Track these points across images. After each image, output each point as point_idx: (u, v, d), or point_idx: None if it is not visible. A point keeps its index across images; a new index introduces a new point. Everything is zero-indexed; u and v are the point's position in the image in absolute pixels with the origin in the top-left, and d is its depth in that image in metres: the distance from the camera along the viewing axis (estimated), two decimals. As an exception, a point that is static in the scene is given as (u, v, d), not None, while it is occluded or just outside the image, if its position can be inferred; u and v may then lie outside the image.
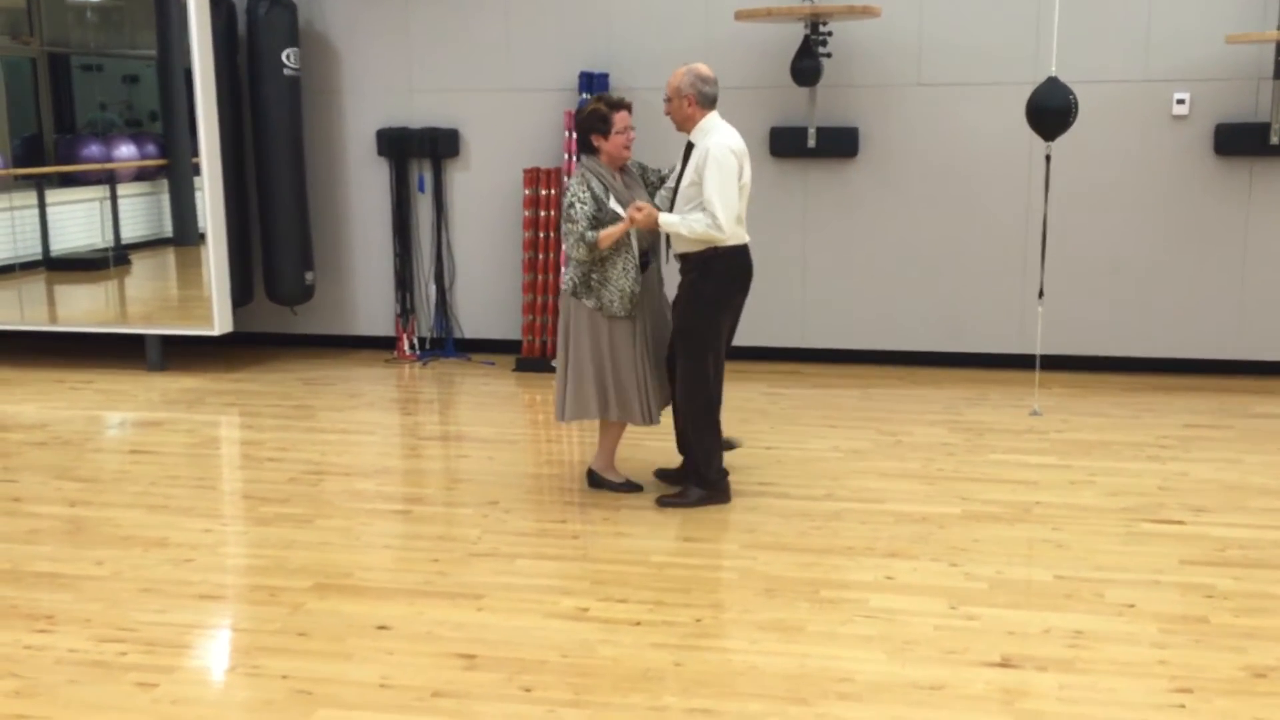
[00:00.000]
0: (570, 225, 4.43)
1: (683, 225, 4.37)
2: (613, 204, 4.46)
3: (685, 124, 4.49)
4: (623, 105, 4.51)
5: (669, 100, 4.50)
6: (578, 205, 4.42)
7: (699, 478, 4.60)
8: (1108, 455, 5.21)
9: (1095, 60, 6.42)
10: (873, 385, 6.54)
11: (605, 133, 4.47)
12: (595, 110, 4.50)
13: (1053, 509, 4.52)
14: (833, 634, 3.47)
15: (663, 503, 4.60)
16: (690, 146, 4.47)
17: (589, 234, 4.40)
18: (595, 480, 4.79)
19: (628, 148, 4.52)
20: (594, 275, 4.47)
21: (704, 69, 4.47)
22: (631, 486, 4.73)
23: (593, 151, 4.53)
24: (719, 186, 4.30)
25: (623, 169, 4.59)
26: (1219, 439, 5.46)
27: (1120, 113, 6.48)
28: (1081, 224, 6.61)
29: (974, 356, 6.86)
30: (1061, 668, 3.25)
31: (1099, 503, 4.59)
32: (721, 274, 4.46)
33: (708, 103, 4.45)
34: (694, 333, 4.48)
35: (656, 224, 4.40)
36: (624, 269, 4.46)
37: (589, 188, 4.44)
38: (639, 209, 4.38)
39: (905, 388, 6.49)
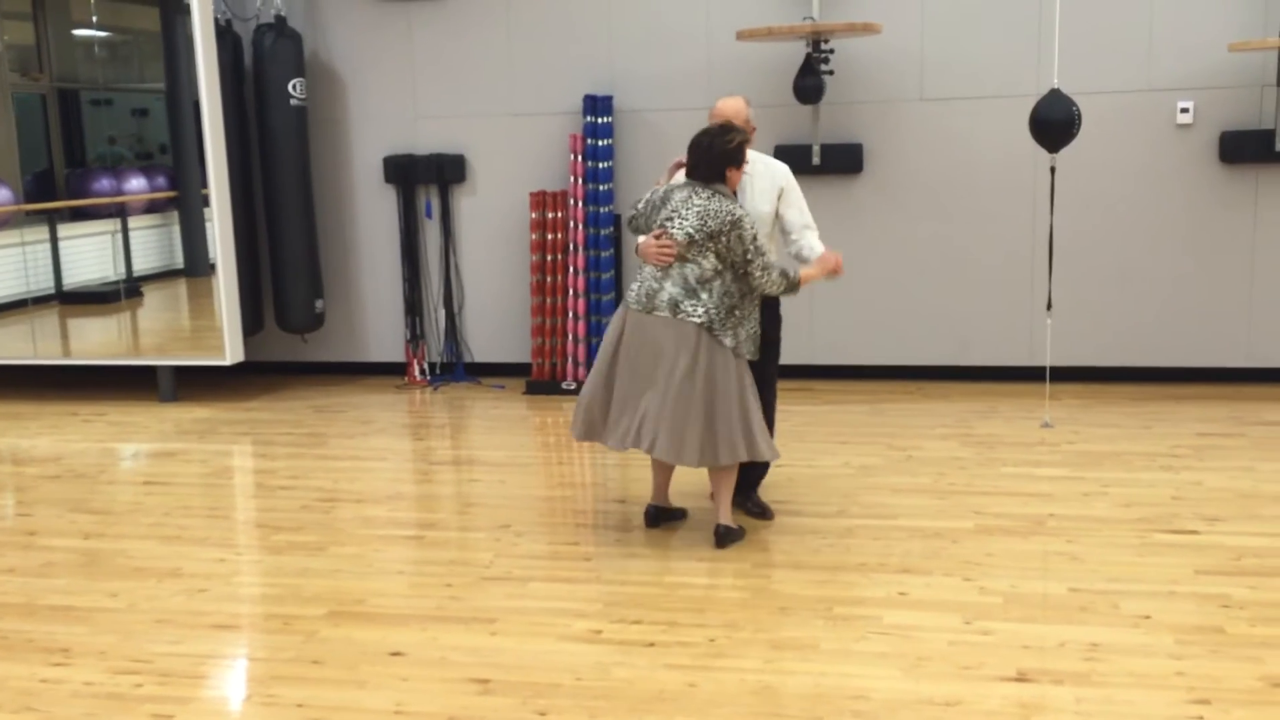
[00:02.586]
0: (764, 259, 4.16)
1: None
2: None
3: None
4: None
5: None
6: (760, 234, 4.20)
7: (758, 480, 4.67)
8: (1120, 466, 5.20)
9: (1098, 71, 6.43)
10: (882, 400, 6.53)
11: (740, 164, 4.25)
12: (745, 143, 4.25)
13: (1066, 521, 4.51)
14: (847, 651, 3.46)
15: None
16: None
17: (792, 272, 4.27)
18: (727, 536, 4.35)
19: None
20: (738, 310, 4.19)
21: (743, 97, 4.57)
22: (742, 532, 4.44)
23: (719, 181, 4.22)
24: (806, 204, 4.56)
25: None
26: (1232, 448, 5.44)
27: (1124, 123, 6.48)
28: (1088, 235, 6.61)
29: (983, 370, 6.85)
30: (1078, 681, 3.23)
31: (1112, 514, 4.58)
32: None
33: None
34: (779, 341, 4.60)
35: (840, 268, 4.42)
36: (756, 312, 4.28)
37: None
38: (836, 264, 4.38)
39: (915, 402, 6.48)
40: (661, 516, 4.60)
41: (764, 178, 4.46)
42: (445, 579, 4.11)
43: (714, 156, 4.18)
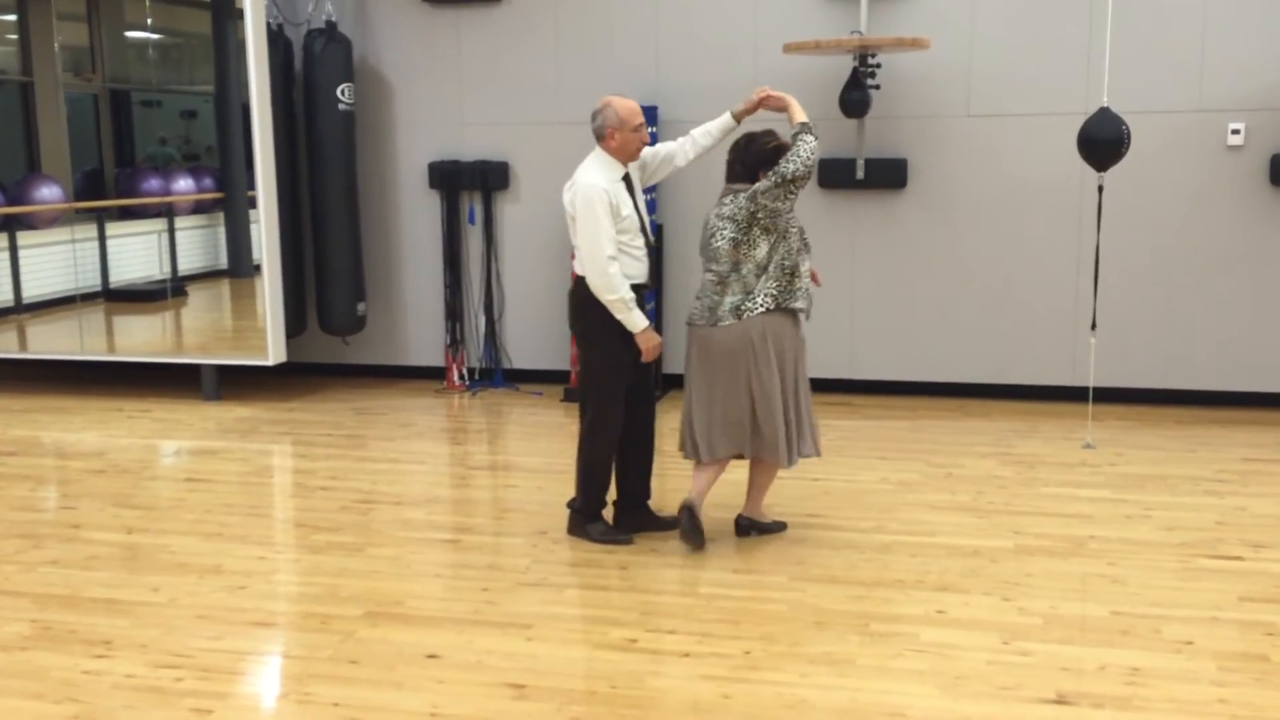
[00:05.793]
0: (795, 151, 4.25)
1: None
2: None
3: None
4: None
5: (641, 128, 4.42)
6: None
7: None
8: (1163, 489, 5.14)
9: (1148, 90, 6.37)
10: (922, 417, 6.49)
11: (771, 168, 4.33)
12: (784, 146, 4.32)
13: (1107, 543, 4.46)
14: (884, 668, 3.44)
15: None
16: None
17: (798, 121, 4.40)
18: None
19: None
20: (796, 276, 4.27)
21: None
22: (779, 525, 4.61)
23: (750, 181, 4.30)
24: None
25: None
26: (1279, 473, 5.36)
27: (1174, 143, 6.42)
28: (1134, 254, 6.54)
29: (1025, 389, 6.79)
30: (1118, 705, 3.20)
31: (1155, 537, 4.52)
32: None
33: None
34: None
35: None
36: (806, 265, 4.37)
37: None
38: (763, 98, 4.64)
39: (955, 419, 6.44)
40: (748, 527, 4.58)
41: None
42: (482, 583, 4.13)
43: (749, 156, 4.31)
